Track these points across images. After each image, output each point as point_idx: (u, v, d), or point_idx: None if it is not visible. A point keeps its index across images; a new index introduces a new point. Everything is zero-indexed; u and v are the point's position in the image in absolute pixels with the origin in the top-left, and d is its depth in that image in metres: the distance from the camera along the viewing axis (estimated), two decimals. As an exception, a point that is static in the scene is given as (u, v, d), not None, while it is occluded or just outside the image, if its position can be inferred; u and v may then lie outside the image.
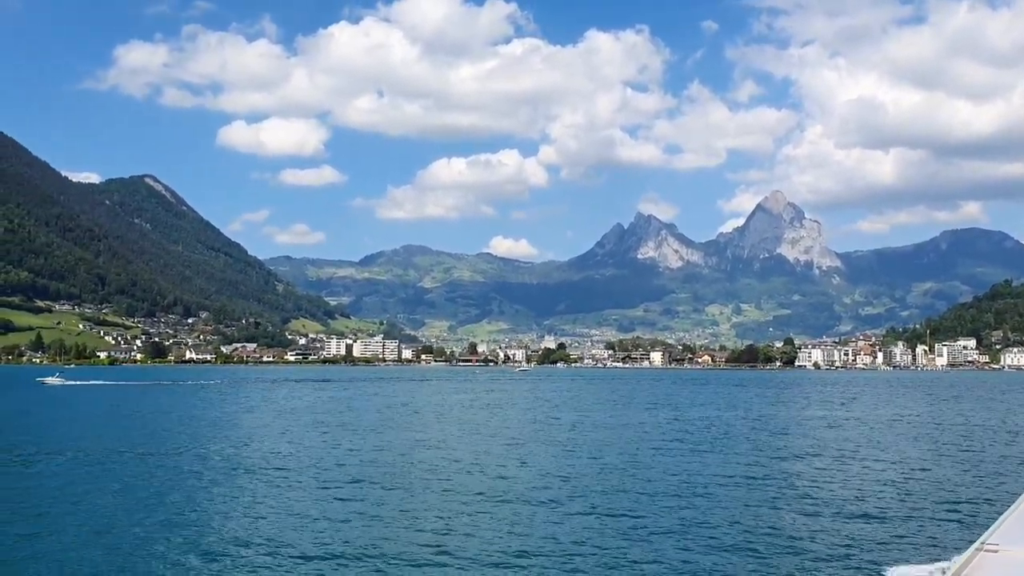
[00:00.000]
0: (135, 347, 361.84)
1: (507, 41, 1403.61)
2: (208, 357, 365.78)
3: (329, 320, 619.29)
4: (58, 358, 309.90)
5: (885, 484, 31.65)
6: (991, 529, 8.15)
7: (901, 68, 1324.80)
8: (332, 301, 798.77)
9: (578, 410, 78.10)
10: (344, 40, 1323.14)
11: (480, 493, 28.80)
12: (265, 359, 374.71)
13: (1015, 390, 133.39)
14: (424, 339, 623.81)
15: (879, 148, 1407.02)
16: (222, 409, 76.18)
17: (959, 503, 27.29)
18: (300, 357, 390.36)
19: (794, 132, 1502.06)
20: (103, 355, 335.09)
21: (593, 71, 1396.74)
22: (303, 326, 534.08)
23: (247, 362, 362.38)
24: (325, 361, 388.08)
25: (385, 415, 69.99)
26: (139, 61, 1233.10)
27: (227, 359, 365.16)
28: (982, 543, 7.66)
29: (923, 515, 25.31)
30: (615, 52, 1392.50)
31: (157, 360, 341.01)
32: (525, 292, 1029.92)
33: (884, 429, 56.54)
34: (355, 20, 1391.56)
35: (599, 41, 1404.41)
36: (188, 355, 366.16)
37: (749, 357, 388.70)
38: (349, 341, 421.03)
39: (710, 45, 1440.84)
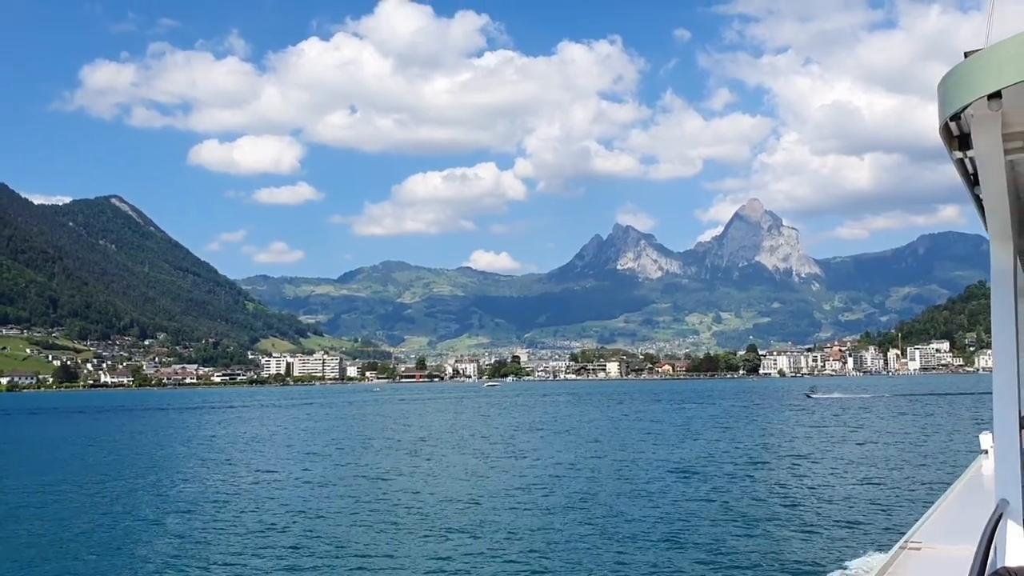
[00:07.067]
0: (40, 370, 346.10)
1: (480, 54, 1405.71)
2: (125, 380, 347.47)
3: (301, 339, 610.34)
4: None
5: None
6: (914, 527, 8.38)
7: (874, 73, 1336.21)
8: (310, 319, 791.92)
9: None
10: (314, 56, 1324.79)
11: None
12: (188, 380, 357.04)
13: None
14: (402, 355, 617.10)
15: (854, 153, 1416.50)
16: None
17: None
18: (227, 378, 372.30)
19: (769, 139, 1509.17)
20: (4, 381, 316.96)
21: (568, 82, 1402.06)
22: (272, 345, 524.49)
23: (165, 385, 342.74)
24: (253, 382, 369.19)
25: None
26: (106, 81, 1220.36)
27: (145, 381, 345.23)
28: (906, 541, 7.89)
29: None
30: (589, 63, 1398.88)
31: (66, 384, 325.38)
32: (506, 305, 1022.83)
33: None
34: (325, 36, 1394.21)
35: (573, 52, 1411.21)
36: (103, 378, 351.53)
37: (709, 366, 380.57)
38: (288, 359, 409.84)
39: (683, 54, 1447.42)
